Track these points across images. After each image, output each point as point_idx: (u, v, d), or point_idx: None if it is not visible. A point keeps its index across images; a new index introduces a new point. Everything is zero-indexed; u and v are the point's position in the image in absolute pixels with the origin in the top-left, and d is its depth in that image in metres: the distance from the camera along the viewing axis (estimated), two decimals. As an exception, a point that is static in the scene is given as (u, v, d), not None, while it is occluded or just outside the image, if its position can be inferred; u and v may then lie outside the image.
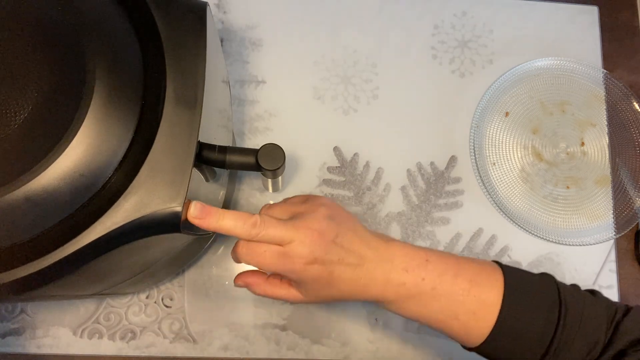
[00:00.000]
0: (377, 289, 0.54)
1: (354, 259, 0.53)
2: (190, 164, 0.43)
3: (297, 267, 0.51)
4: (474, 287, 0.54)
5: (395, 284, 0.53)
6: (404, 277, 0.53)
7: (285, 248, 0.51)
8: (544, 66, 0.84)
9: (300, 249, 0.51)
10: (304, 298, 0.55)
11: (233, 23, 0.83)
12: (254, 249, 0.51)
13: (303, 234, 0.51)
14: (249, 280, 0.57)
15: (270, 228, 0.51)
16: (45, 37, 0.40)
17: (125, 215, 0.41)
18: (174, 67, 0.45)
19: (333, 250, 0.52)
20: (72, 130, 0.39)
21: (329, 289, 0.54)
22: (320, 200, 0.57)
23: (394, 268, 0.54)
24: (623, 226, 0.78)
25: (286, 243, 0.51)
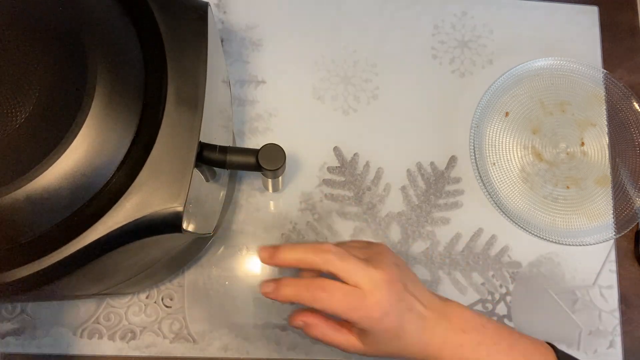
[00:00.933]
0: (435, 348, 0.52)
1: (421, 308, 0.52)
2: (191, 164, 0.43)
3: (375, 315, 0.49)
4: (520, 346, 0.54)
5: (453, 345, 0.52)
6: (461, 338, 0.52)
7: (364, 290, 0.49)
8: (544, 66, 0.84)
9: (379, 294, 0.49)
10: (365, 349, 0.52)
11: (233, 23, 0.83)
12: (324, 284, 0.49)
13: (380, 278, 0.49)
14: (309, 320, 0.54)
15: (350, 263, 0.49)
16: (47, 37, 0.40)
17: (126, 215, 0.41)
18: (175, 67, 0.45)
19: (405, 297, 0.51)
20: (73, 130, 0.39)
21: (396, 342, 0.51)
22: (381, 247, 0.55)
23: (452, 327, 0.52)
24: (623, 226, 0.78)
25: (364, 284, 0.49)
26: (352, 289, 0.49)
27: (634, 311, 0.78)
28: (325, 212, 0.77)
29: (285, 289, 0.51)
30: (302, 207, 0.77)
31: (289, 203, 0.77)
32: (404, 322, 0.51)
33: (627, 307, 0.78)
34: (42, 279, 0.41)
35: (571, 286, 0.78)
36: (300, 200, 0.77)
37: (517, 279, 0.77)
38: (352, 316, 0.49)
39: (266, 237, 0.76)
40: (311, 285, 0.50)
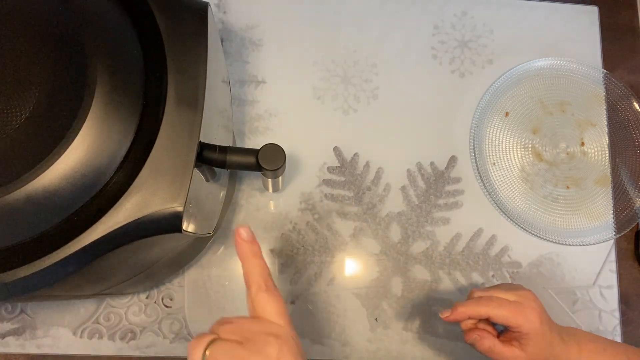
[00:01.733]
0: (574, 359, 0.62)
1: (562, 332, 0.63)
2: (191, 164, 0.43)
3: (535, 319, 0.60)
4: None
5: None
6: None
7: (523, 304, 0.61)
8: (544, 66, 0.84)
9: (534, 306, 0.61)
10: (525, 356, 0.61)
11: (233, 23, 0.83)
12: (492, 298, 0.62)
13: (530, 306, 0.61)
14: (482, 334, 0.63)
15: (504, 307, 0.61)
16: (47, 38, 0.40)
17: (126, 215, 0.41)
18: (175, 67, 0.45)
19: (550, 321, 0.62)
20: (74, 130, 0.39)
21: (547, 350, 0.61)
22: (528, 292, 0.64)
23: (581, 350, 0.62)
24: (623, 226, 0.78)
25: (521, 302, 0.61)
26: (514, 301, 0.61)
27: (634, 311, 0.78)
28: (325, 212, 0.77)
29: (461, 308, 0.62)
30: (302, 207, 0.77)
31: (289, 203, 0.77)
32: (553, 336, 0.61)
33: (627, 307, 0.78)
34: (42, 279, 0.41)
35: (571, 286, 0.78)
36: (300, 200, 0.77)
37: (517, 279, 0.77)
38: (517, 319, 0.60)
39: (266, 237, 0.76)
40: (481, 300, 0.62)
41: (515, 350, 0.61)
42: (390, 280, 0.76)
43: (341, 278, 0.75)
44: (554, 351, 0.61)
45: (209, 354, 0.46)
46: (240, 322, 0.51)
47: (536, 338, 0.60)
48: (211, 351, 0.46)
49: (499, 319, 0.61)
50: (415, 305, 0.75)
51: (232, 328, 0.50)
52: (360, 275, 0.76)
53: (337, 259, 0.76)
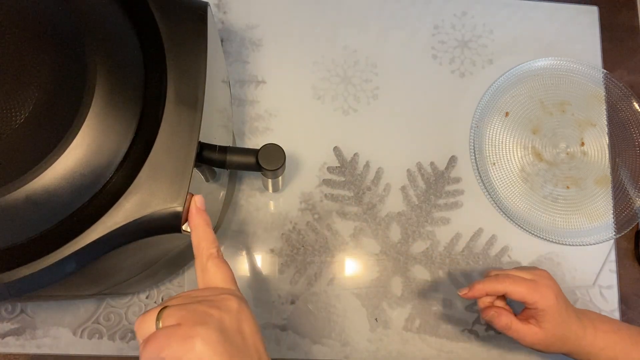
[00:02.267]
0: (587, 343, 0.63)
1: (577, 311, 0.65)
2: (191, 164, 0.43)
3: (550, 296, 0.62)
4: None
5: (600, 345, 0.63)
6: (605, 340, 0.64)
7: (538, 283, 0.63)
8: (544, 66, 0.84)
9: (550, 284, 0.63)
10: (542, 333, 0.62)
11: (233, 23, 0.83)
12: (509, 276, 0.64)
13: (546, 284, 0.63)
14: (499, 310, 0.64)
15: (521, 284, 0.63)
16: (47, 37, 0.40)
17: (126, 215, 0.41)
18: (174, 67, 0.45)
19: (567, 301, 0.64)
20: (73, 130, 0.39)
21: (563, 327, 0.62)
22: (543, 272, 0.66)
23: (598, 330, 0.64)
24: (623, 226, 0.78)
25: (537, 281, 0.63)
26: (531, 279, 0.63)
27: (634, 311, 0.78)
28: (325, 212, 0.77)
29: (478, 285, 0.64)
30: (302, 207, 0.77)
31: (289, 203, 0.77)
32: (569, 314, 0.63)
33: (627, 307, 0.78)
34: (42, 279, 0.41)
35: (571, 286, 0.78)
36: (300, 200, 0.77)
37: (517, 279, 0.77)
38: (533, 296, 0.61)
39: (266, 237, 0.76)
40: (499, 277, 0.64)
41: (533, 327, 0.63)
42: (390, 280, 0.76)
43: (341, 278, 0.76)
44: (571, 329, 0.63)
45: (164, 317, 0.41)
46: (190, 292, 0.47)
47: (552, 315, 0.62)
48: (165, 315, 0.41)
49: (515, 296, 0.62)
50: (415, 305, 0.75)
51: (183, 297, 0.45)
52: (360, 275, 0.76)
53: (337, 259, 0.76)
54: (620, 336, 0.64)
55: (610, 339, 0.63)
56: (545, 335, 0.62)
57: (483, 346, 0.75)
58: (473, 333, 0.75)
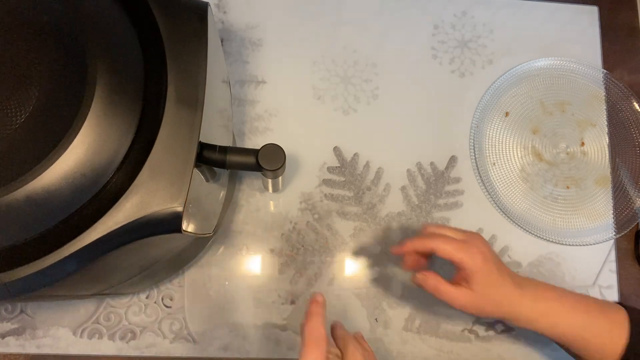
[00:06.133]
0: (525, 309, 0.63)
1: (513, 275, 0.64)
2: (191, 164, 0.43)
3: (479, 257, 0.61)
4: (603, 309, 0.63)
5: (539, 311, 0.63)
6: (545, 306, 0.63)
7: (469, 242, 0.63)
8: (544, 66, 0.84)
9: (480, 244, 0.63)
10: (471, 294, 0.62)
11: (233, 23, 0.83)
12: (438, 236, 0.64)
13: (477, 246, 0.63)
14: (428, 273, 0.64)
15: (452, 243, 0.63)
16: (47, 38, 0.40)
17: (126, 215, 0.41)
18: (175, 67, 0.45)
19: (500, 264, 0.64)
20: (74, 130, 0.39)
21: (495, 290, 0.62)
22: (476, 234, 0.66)
23: (537, 297, 0.63)
24: (623, 226, 0.78)
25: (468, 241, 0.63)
26: (461, 240, 0.63)
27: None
28: (325, 212, 0.77)
29: (408, 242, 0.65)
30: (302, 207, 0.77)
31: (289, 203, 0.77)
32: (502, 278, 0.63)
33: (627, 307, 0.78)
34: (42, 279, 0.41)
35: (571, 286, 0.78)
36: (300, 200, 0.77)
37: (517, 279, 0.77)
38: (459, 255, 0.61)
39: (266, 237, 0.76)
40: (430, 235, 0.64)
41: (462, 289, 0.62)
42: (390, 280, 0.76)
43: (341, 278, 0.75)
44: (504, 293, 0.62)
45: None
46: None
47: (481, 277, 0.61)
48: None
49: (442, 253, 0.62)
50: (415, 305, 0.75)
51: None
52: (360, 275, 0.76)
53: (337, 259, 0.76)
54: (561, 303, 0.63)
55: (551, 306, 0.63)
56: (474, 297, 0.62)
57: (483, 346, 0.75)
58: (473, 333, 0.75)
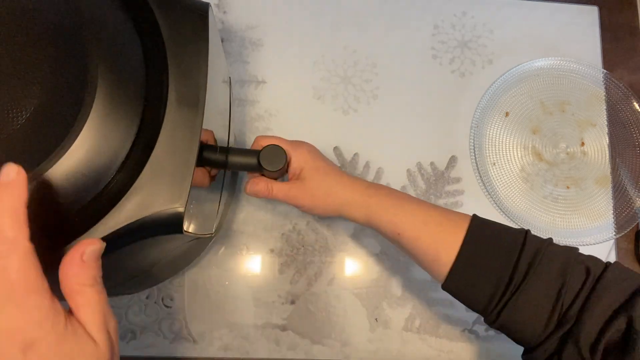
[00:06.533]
0: (361, 190, 0.63)
1: (343, 173, 0.65)
2: (192, 164, 0.43)
3: (304, 152, 0.63)
4: (445, 211, 0.60)
5: (373, 208, 0.61)
6: (383, 203, 0.61)
7: (295, 141, 0.66)
8: (544, 66, 0.84)
9: (305, 145, 0.66)
10: (303, 188, 0.63)
11: (233, 23, 0.83)
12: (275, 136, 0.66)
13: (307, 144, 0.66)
14: (258, 178, 0.63)
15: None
16: (48, 38, 0.40)
17: (127, 215, 0.41)
18: (176, 68, 0.45)
19: (328, 160, 0.66)
20: (75, 131, 0.39)
21: (327, 185, 0.63)
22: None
23: (369, 194, 0.63)
24: (623, 226, 0.78)
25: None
26: (292, 141, 0.66)
27: (633, 311, 0.78)
28: (325, 212, 0.77)
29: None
30: (302, 207, 0.77)
31: (289, 203, 0.77)
32: (331, 166, 0.65)
33: (627, 307, 0.78)
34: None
35: (571, 286, 0.78)
36: (301, 200, 0.77)
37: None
38: (288, 149, 0.62)
39: (266, 237, 0.76)
40: (262, 137, 0.65)
41: (294, 183, 0.63)
42: (390, 280, 0.76)
43: (341, 278, 0.75)
44: (337, 179, 0.64)
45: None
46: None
47: (311, 172, 0.63)
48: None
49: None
50: (415, 305, 0.75)
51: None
52: (360, 275, 0.76)
53: (337, 259, 0.76)
54: (396, 192, 0.63)
55: (386, 192, 0.63)
56: (306, 188, 0.62)
57: (483, 346, 0.75)
58: (473, 333, 0.75)
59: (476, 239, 0.55)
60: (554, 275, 0.52)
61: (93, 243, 0.36)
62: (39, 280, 0.33)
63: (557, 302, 0.51)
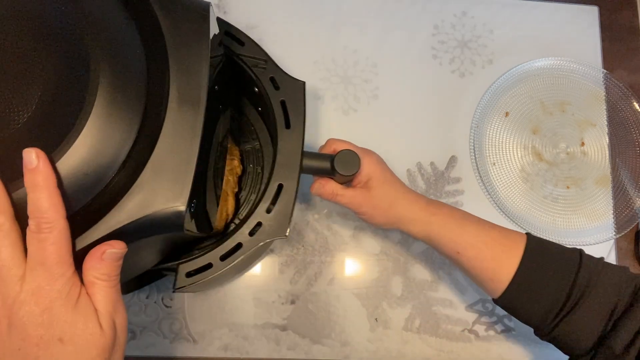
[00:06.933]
0: (422, 205, 0.64)
1: (412, 192, 0.66)
2: (193, 163, 0.43)
3: (373, 161, 0.64)
4: (503, 231, 0.63)
5: (437, 225, 0.62)
6: (445, 223, 0.62)
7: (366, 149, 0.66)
8: (544, 66, 0.84)
9: (373, 154, 0.66)
10: (368, 195, 0.63)
11: (233, 23, 0.82)
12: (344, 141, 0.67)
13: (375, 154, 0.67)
14: (323, 180, 0.64)
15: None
16: (49, 37, 0.40)
17: (128, 214, 0.41)
18: (177, 67, 0.45)
19: (394, 174, 0.66)
20: (76, 130, 0.39)
21: (391, 196, 0.63)
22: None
23: (437, 213, 0.63)
24: (623, 226, 0.78)
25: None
26: (361, 148, 0.66)
27: (633, 311, 0.78)
28: (325, 212, 0.77)
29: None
30: (302, 207, 0.77)
31: (289, 203, 0.77)
32: (395, 178, 0.65)
33: (627, 307, 0.78)
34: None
35: (571, 286, 0.78)
36: (301, 200, 0.77)
37: (517, 278, 0.77)
38: (360, 156, 0.61)
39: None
40: (333, 141, 0.66)
41: (359, 189, 0.64)
42: (390, 280, 0.76)
43: (341, 278, 0.75)
44: (399, 190, 0.64)
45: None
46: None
47: (377, 177, 0.63)
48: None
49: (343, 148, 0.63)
50: (415, 305, 0.75)
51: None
52: (360, 275, 0.76)
53: (337, 259, 0.76)
54: (457, 212, 0.64)
55: (446, 212, 0.63)
56: (370, 196, 0.63)
57: (483, 346, 0.75)
58: (473, 333, 0.75)
59: (533, 258, 0.58)
60: (608, 295, 0.55)
61: (114, 246, 0.41)
62: (67, 254, 0.38)
63: (609, 320, 0.54)
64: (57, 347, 0.38)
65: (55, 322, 0.37)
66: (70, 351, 0.38)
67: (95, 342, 0.39)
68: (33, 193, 0.37)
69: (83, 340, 0.38)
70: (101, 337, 0.39)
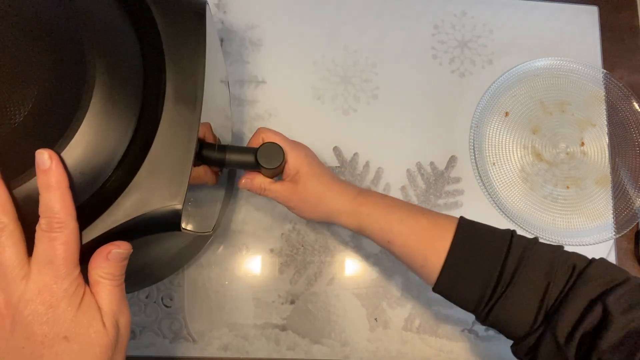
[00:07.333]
0: (351, 196, 0.63)
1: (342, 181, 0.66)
2: (190, 162, 0.43)
3: (302, 154, 0.63)
4: (431, 214, 0.61)
5: (367, 214, 0.61)
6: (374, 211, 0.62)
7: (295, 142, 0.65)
8: (544, 66, 0.84)
9: (303, 147, 0.66)
10: (296, 189, 0.62)
11: (233, 23, 0.83)
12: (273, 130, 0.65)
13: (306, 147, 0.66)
14: (251, 174, 0.64)
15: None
16: (45, 36, 0.40)
17: (125, 213, 0.41)
18: (173, 66, 0.45)
19: (323, 165, 0.66)
20: (72, 129, 0.39)
21: (317, 179, 0.63)
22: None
23: (367, 202, 0.62)
24: (623, 226, 0.78)
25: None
26: (291, 141, 0.65)
27: (634, 311, 0.78)
28: (325, 212, 0.77)
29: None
30: (302, 207, 0.77)
31: (288, 203, 0.77)
32: (324, 169, 0.65)
33: (628, 307, 0.78)
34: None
35: (571, 286, 0.78)
36: (300, 200, 0.77)
37: (517, 279, 0.77)
38: (287, 148, 0.62)
39: (266, 237, 0.76)
40: (261, 130, 0.64)
41: (287, 183, 0.63)
42: (390, 280, 0.76)
43: (341, 278, 0.75)
44: (328, 183, 0.64)
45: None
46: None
47: (305, 177, 0.62)
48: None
49: (271, 139, 0.62)
50: (415, 305, 0.75)
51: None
52: (360, 275, 0.76)
53: (337, 259, 0.76)
54: (388, 198, 0.64)
55: (376, 200, 0.63)
56: (298, 189, 0.62)
57: (483, 346, 0.75)
58: (473, 333, 0.75)
59: (463, 242, 0.57)
60: (540, 274, 0.53)
61: (120, 246, 0.42)
62: (75, 254, 0.39)
63: (543, 301, 0.52)
64: (62, 346, 0.38)
65: (61, 321, 0.38)
66: (75, 349, 0.39)
67: (99, 340, 0.40)
68: (46, 193, 0.38)
69: (87, 339, 0.39)
70: (104, 335, 0.40)
